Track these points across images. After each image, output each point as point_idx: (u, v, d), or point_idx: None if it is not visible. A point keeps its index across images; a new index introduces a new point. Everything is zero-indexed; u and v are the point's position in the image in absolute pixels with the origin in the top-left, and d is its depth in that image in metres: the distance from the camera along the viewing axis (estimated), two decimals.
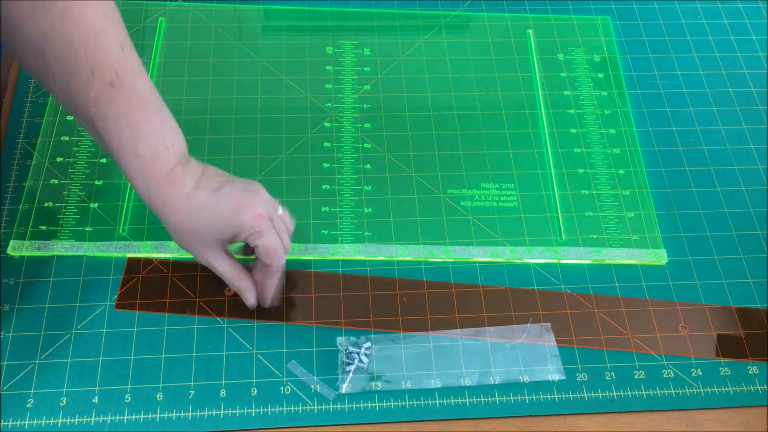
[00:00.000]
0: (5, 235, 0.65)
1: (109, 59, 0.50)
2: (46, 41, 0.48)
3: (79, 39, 0.49)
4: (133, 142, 0.52)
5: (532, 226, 0.68)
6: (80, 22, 0.49)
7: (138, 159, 0.52)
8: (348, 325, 0.62)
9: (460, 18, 0.82)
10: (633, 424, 0.59)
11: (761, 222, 0.69)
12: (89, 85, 0.50)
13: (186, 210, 0.54)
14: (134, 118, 0.51)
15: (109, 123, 0.51)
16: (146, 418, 0.57)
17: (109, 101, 0.51)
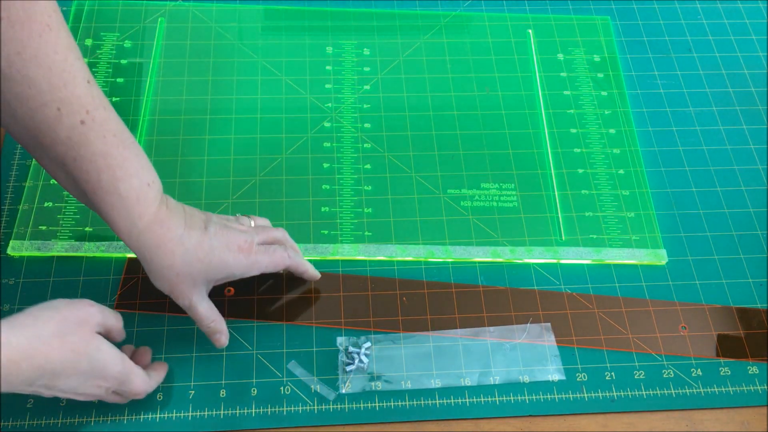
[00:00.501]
0: (5, 235, 0.65)
1: (77, 94, 0.47)
2: (3, 80, 0.45)
3: (42, 76, 0.46)
4: (113, 182, 0.49)
5: (532, 226, 0.68)
6: (41, 57, 0.46)
7: (122, 200, 0.49)
8: (348, 325, 0.62)
9: (460, 18, 0.82)
10: (633, 424, 0.59)
11: (761, 222, 0.69)
12: (57, 123, 0.47)
13: (180, 251, 0.52)
14: (111, 157, 0.49)
15: (83, 163, 0.48)
16: (146, 418, 0.57)
17: (80, 140, 0.48)
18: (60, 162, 0.49)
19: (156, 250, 0.51)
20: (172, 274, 0.52)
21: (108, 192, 0.49)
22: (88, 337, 0.49)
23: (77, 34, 0.77)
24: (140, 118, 0.72)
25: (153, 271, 0.53)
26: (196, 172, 0.69)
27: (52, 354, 0.46)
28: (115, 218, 0.50)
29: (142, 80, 0.75)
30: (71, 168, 0.49)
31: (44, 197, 0.67)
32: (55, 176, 0.51)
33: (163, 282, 0.53)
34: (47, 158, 0.50)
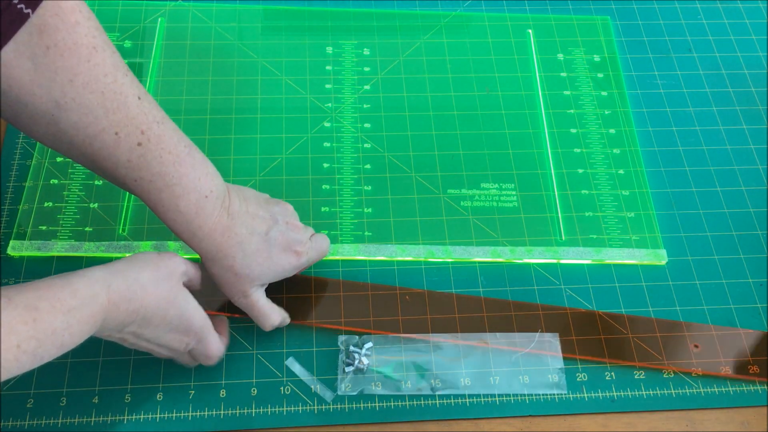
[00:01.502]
0: (5, 235, 0.65)
1: (131, 115, 0.48)
2: (58, 110, 0.46)
3: (96, 101, 0.47)
4: (173, 199, 0.51)
5: (532, 226, 0.68)
6: (93, 83, 0.46)
7: (182, 215, 0.51)
8: (348, 326, 0.62)
9: (460, 18, 0.82)
10: (633, 424, 0.59)
11: (761, 222, 0.69)
12: (116, 148, 0.48)
13: (240, 256, 0.54)
14: (169, 176, 0.50)
15: (143, 183, 0.50)
16: (146, 418, 0.57)
17: (140, 162, 0.49)
18: (121, 182, 0.51)
19: (216, 255, 0.53)
20: (231, 275, 0.54)
21: (168, 209, 0.51)
22: (177, 287, 0.51)
23: None
24: None
25: (214, 273, 0.55)
26: None
27: (147, 299, 0.48)
28: (177, 230, 0.52)
29: (142, 80, 0.75)
30: (132, 188, 0.51)
31: (44, 197, 0.67)
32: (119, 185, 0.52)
33: (222, 282, 0.55)
34: (111, 178, 0.51)
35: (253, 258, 0.54)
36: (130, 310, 0.47)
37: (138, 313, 0.48)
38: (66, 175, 0.68)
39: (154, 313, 0.49)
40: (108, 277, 0.46)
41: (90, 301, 0.44)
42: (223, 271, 0.54)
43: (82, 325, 0.44)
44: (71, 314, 0.43)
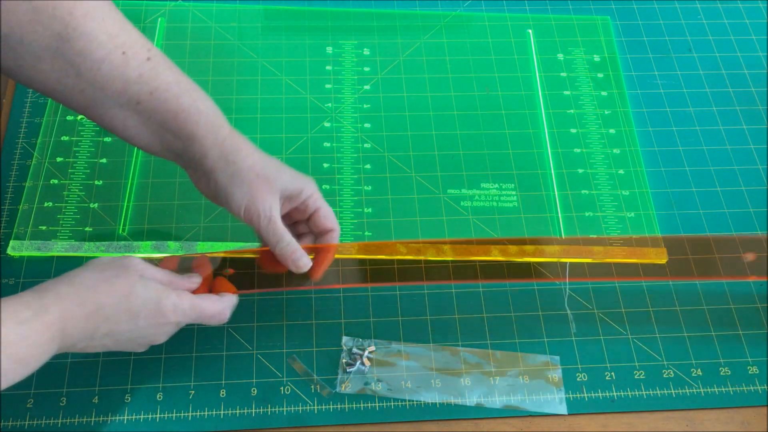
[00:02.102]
0: (5, 235, 0.65)
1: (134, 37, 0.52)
2: (62, 42, 0.48)
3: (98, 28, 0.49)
4: (193, 102, 0.53)
5: (532, 226, 0.68)
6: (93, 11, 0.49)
7: (204, 115, 0.53)
8: (348, 325, 0.62)
9: (460, 18, 0.82)
10: (633, 424, 0.59)
11: (761, 222, 0.69)
12: (125, 66, 0.51)
13: (257, 153, 0.55)
14: (184, 82, 0.53)
15: (160, 93, 0.52)
16: (146, 418, 0.57)
17: (151, 74, 0.52)
18: (134, 102, 0.52)
19: (238, 153, 0.54)
20: (253, 175, 0.54)
21: (190, 112, 0.53)
22: (133, 278, 0.50)
23: None
24: None
25: (235, 177, 0.54)
26: None
27: (101, 298, 0.48)
28: (200, 133, 0.53)
29: None
30: (147, 103, 0.52)
31: (44, 197, 0.67)
32: (122, 127, 0.54)
33: (243, 188, 0.54)
34: (117, 107, 0.52)
35: (268, 158, 0.55)
36: (87, 314, 0.47)
37: (99, 315, 0.48)
38: (66, 175, 0.68)
39: (115, 310, 0.49)
40: (56, 287, 0.47)
41: (41, 310, 0.45)
42: (246, 173, 0.54)
43: (39, 335, 0.45)
44: (26, 325, 0.44)
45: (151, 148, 0.56)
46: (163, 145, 0.55)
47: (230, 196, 0.54)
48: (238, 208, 0.55)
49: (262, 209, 0.55)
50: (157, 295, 0.51)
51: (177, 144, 0.54)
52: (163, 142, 0.54)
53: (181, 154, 0.55)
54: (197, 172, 0.56)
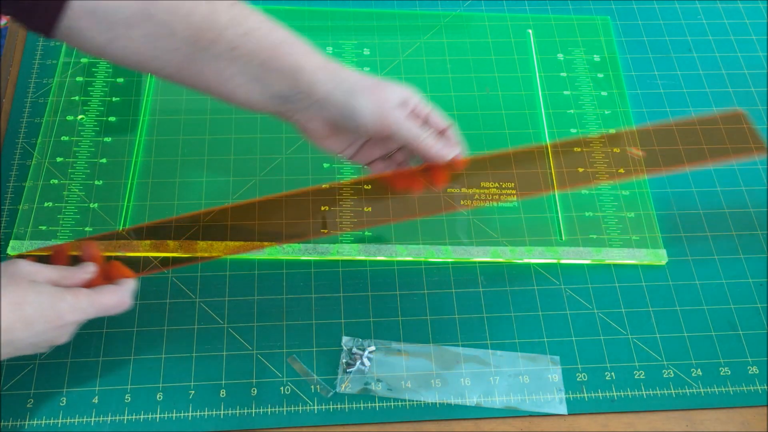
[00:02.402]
0: (5, 235, 0.65)
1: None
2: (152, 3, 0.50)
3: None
4: (287, 34, 0.53)
5: (532, 226, 0.68)
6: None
7: (300, 44, 0.54)
8: (348, 325, 0.62)
9: (460, 18, 0.82)
10: (633, 424, 0.59)
11: (761, 222, 0.69)
12: (214, 13, 0.51)
13: (360, 73, 0.55)
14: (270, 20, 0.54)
15: (254, 33, 0.52)
16: (146, 418, 0.57)
17: (241, 15, 0.52)
18: (230, 49, 0.52)
19: (343, 70, 0.54)
20: (370, 85, 0.54)
21: (288, 42, 0.53)
22: (23, 285, 0.49)
23: None
24: (140, 118, 0.72)
25: (355, 92, 0.53)
26: (196, 172, 0.69)
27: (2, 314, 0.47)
28: (304, 61, 0.53)
29: (142, 80, 0.75)
30: (243, 46, 0.52)
31: (44, 197, 0.67)
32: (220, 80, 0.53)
33: (367, 100, 0.53)
34: (213, 60, 0.52)
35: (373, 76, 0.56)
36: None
37: (6, 328, 0.47)
38: (66, 175, 0.68)
39: (9, 321, 0.47)
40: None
41: None
42: (360, 84, 0.53)
43: None
44: None
45: (252, 98, 0.54)
46: (265, 91, 0.53)
47: (357, 111, 0.53)
48: (368, 120, 0.54)
49: (392, 113, 0.54)
50: (52, 298, 0.49)
51: (281, 82, 0.53)
52: (266, 86, 0.53)
53: (285, 94, 0.54)
54: (308, 110, 0.54)
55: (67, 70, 0.75)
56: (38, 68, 0.75)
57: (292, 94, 0.53)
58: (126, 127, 0.71)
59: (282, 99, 0.54)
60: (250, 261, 0.65)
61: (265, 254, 0.65)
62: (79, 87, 0.74)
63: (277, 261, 0.65)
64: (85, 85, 0.74)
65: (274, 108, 0.55)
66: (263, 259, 0.65)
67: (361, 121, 0.54)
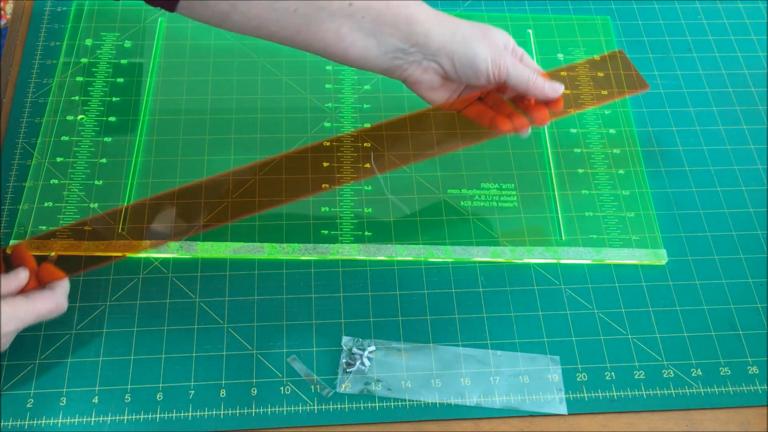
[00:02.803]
0: (5, 235, 0.65)
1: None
2: None
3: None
4: None
5: (532, 226, 0.68)
6: None
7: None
8: (348, 326, 0.62)
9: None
10: (633, 424, 0.59)
11: (761, 222, 0.69)
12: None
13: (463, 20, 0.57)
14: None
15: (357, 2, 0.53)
16: (146, 418, 0.57)
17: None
18: (346, 5, 0.53)
19: (452, 20, 0.55)
20: (479, 32, 0.56)
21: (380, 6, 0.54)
22: None
23: (77, 34, 0.77)
24: (140, 118, 0.72)
25: (468, 40, 0.55)
26: (196, 172, 0.69)
27: None
28: (417, 12, 0.54)
29: (142, 80, 0.75)
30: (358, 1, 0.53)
31: (44, 197, 0.67)
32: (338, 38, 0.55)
33: (481, 46, 0.56)
34: (329, 18, 0.53)
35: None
36: None
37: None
38: (66, 175, 0.68)
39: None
40: None
41: None
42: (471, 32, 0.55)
43: None
44: None
45: (368, 54, 0.55)
46: (380, 46, 0.55)
47: (474, 57, 0.55)
48: (486, 65, 0.56)
49: (506, 56, 0.56)
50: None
51: (396, 35, 0.54)
52: (381, 41, 0.54)
53: (401, 47, 0.55)
54: (422, 66, 0.56)
55: (67, 70, 0.75)
56: (38, 68, 0.75)
57: (407, 47, 0.55)
58: (126, 127, 0.71)
59: (397, 53, 0.55)
60: (250, 261, 0.65)
61: (265, 254, 0.65)
62: (79, 87, 0.74)
63: (277, 261, 0.65)
64: (85, 85, 0.74)
65: (388, 63, 0.56)
66: (263, 259, 0.65)
67: (481, 70, 0.56)
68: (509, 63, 0.57)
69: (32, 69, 0.75)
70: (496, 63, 0.56)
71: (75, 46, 0.76)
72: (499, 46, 0.57)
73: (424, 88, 0.59)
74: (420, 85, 0.58)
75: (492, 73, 0.57)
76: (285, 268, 0.64)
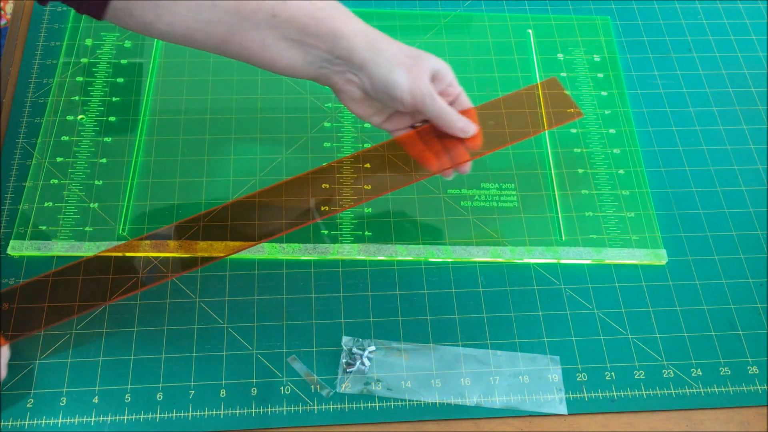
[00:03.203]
0: (5, 235, 0.65)
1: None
2: None
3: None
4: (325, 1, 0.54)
5: (532, 226, 0.68)
6: None
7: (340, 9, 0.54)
8: (348, 326, 0.62)
9: (460, 18, 0.82)
10: (633, 424, 0.59)
11: (761, 222, 0.69)
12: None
13: (391, 39, 0.56)
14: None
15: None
16: (146, 418, 0.57)
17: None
18: (270, 16, 0.53)
19: (381, 41, 0.55)
20: (405, 58, 0.55)
21: (326, 9, 0.54)
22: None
23: (77, 34, 0.77)
24: (140, 118, 0.72)
25: (391, 63, 0.55)
26: (196, 172, 0.69)
27: None
28: (342, 27, 0.54)
29: (142, 80, 0.75)
30: (283, 13, 0.53)
31: (44, 197, 0.67)
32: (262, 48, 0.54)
33: (402, 72, 0.55)
34: (254, 29, 0.53)
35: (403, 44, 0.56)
36: None
37: None
38: (66, 175, 0.68)
39: None
40: None
41: None
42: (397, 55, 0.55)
43: None
44: None
45: (295, 64, 0.55)
46: (305, 56, 0.55)
47: (392, 83, 0.55)
48: (402, 93, 0.55)
49: (425, 87, 0.56)
50: None
51: (321, 47, 0.54)
52: (306, 51, 0.54)
53: (326, 60, 0.55)
54: (345, 77, 0.56)
55: (67, 70, 0.75)
56: (38, 68, 0.75)
57: (332, 57, 0.55)
58: (126, 127, 0.71)
59: (323, 62, 0.55)
60: (250, 261, 0.65)
61: (265, 254, 0.65)
62: (79, 87, 0.74)
63: (277, 261, 0.65)
64: (85, 85, 0.74)
65: (315, 72, 0.56)
66: (263, 259, 0.65)
67: (398, 95, 0.55)
68: (427, 97, 0.56)
69: (32, 69, 0.75)
70: (413, 93, 0.55)
71: (75, 46, 0.76)
72: (422, 76, 0.56)
73: (346, 98, 0.58)
74: (343, 95, 0.58)
75: (407, 101, 0.56)
76: (285, 268, 0.65)
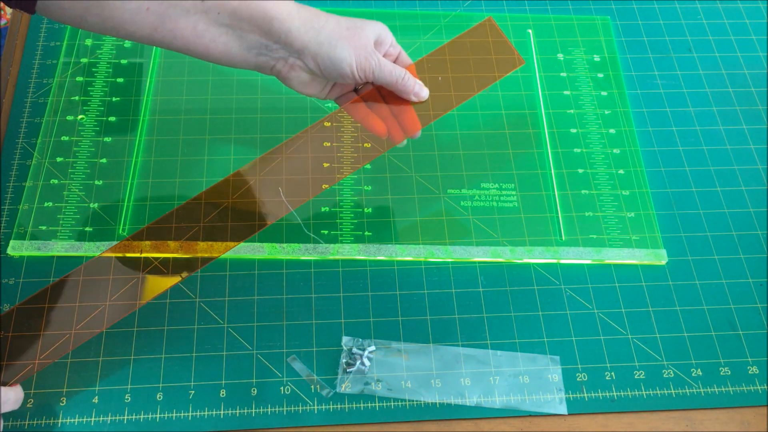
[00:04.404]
0: (5, 235, 0.65)
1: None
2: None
3: None
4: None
5: (532, 226, 0.68)
6: None
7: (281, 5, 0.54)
8: (348, 326, 0.62)
9: (460, 18, 0.82)
10: (633, 424, 0.59)
11: (761, 222, 0.69)
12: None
13: (328, 13, 0.55)
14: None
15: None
16: (146, 418, 0.57)
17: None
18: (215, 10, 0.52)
19: (318, 18, 0.54)
20: (345, 31, 0.55)
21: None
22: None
23: (77, 34, 0.77)
24: (140, 118, 0.72)
25: (332, 40, 0.54)
26: (196, 172, 0.69)
27: None
28: (275, 10, 0.53)
29: (142, 80, 0.75)
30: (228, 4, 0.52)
31: (44, 197, 0.67)
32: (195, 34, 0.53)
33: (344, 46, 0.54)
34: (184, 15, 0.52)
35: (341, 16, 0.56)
36: None
37: None
38: (66, 175, 0.68)
39: None
40: None
41: None
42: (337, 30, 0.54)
43: None
44: None
45: (231, 51, 0.54)
46: (242, 42, 0.54)
47: (338, 60, 0.54)
48: (348, 66, 0.55)
49: (372, 56, 0.55)
50: None
51: (256, 32, 0.53)
52: (242, 37, 0.53)
53: (264, 46, 0.54)
54: (288, 63, 0.55)
55: (67, 70, 0.75)
56: (38, 68, 0.75)
57: (270, 43, 0.54)
58: (126, 127, 0.71)
59: (261, 49, 0.54)
60: (250, 261, 0.65)
61: (265, 254, 0.65)
62: (79, 87, 0.74)
63: (277, 261, 0.65)
64: (85, 85, 0.74)
65: (254, 60, 0.55)
66: (263, 259, 0.65)
67: (346, 71, 0.55)
68: (374, 64, 0.56)
69: (32, 69, 0.75)
70: (361, 65, 0.55)
71: (75, 46, 0.76)
72: (366, 45, 0.55)
73: (295, 84, 0.57)
74: (290, 81, 0.57)
75: (357, 74, 0.56)
76: (285, 268, 0.65)
